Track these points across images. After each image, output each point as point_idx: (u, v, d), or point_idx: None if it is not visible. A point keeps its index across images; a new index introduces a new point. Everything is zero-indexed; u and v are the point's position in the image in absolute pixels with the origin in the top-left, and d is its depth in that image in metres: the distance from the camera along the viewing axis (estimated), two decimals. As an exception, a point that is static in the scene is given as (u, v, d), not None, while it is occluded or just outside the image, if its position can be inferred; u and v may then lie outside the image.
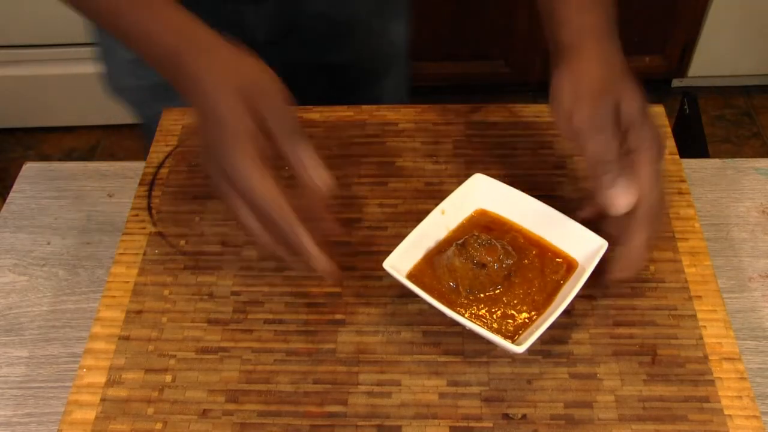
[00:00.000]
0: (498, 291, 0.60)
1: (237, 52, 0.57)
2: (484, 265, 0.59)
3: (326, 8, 0.85)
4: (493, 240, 0.61)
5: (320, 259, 0.55)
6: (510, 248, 0.61)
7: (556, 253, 0.62)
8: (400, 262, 0.60)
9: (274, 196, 0.53)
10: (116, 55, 0.87)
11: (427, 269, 0.61)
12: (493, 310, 0.59)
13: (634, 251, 0.57)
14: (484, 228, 0.64)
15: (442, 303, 0.57)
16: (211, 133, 0.55)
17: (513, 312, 0.59)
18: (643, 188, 0.55)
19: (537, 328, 0.56)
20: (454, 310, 0.57)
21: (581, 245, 0.62)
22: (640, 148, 0.56)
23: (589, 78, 0.58)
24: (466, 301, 0.59)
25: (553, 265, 0.62)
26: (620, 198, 0.55)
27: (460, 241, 0.61)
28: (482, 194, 0.65)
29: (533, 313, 0.59)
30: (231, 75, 0.55)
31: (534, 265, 0.61)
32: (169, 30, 0.58)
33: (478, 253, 0.59)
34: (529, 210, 0.64)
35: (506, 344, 0.55)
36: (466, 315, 0.59)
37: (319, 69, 0.92)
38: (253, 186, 0.53)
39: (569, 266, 0.62)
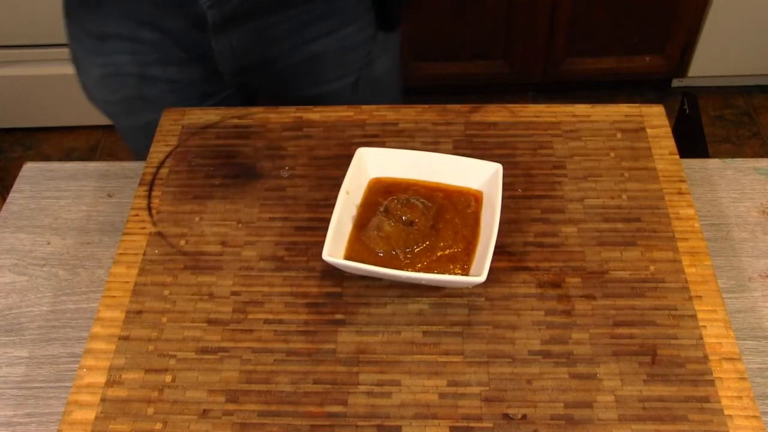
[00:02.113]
0: (428, 242, 0.63)
1: None
2: (412, 222, 0.63)
3: (296, 45, 0.84)
4: (411, 198, 0.64)
5: None
6: (425, 200, 0.64)
7: (459, 190, 0.67)
8: (335, 249, 0.62)
9: None
10: (88, 70, 0.87)
11: (359, 247, 0.63)
12: (434, 258, 0.62)
13: None
14: (385, 193, 0.67)
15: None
16: None
17: (451, 252, 0.62)
18: None
19: (484, 255, 0.59)
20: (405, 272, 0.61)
21: (477, 175, 0.67)
22: None
23: None
24: (407, 261, 0.62)
25: (462, 201, 0.66)
26: None
27: (382, 208, 0.64)
28: (371, 165, 0.68)
29: (469, 246, 0.63)
30: None
31: (448, 207, 0.65)
32: None
33: (403, 213, 0.63)
34: (417, 163, 0.68)
35: (467, 279, 0.60)
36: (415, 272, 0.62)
37: (291, 101, 0.92)
38: None
39: (476, 197, 0.66)
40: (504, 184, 0.65)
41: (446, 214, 0.65)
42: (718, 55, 1.94)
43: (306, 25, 0.83)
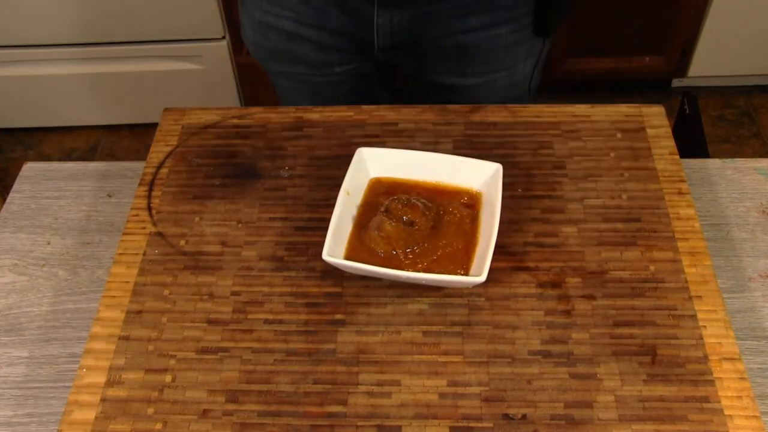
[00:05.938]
0: (428, 242, 0.63)
1: None
2: (413, 222, 0.62)
3: (449, 32, 0.85)
4: (412, 198, 0.64)
5: None
6: (425, 200, 0.64)
7: (458, 190, 0.67)
8: (335, 249, 0.62)
9: None
10: (251, 11, 0.90)
11: (359, 247, 0.63)
12: (434, 258, 0.62)
13: None
14: (385, 193, 0.67)
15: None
16: None
17: (451, 252, 0.63)
18: None
19: (484, 255, 0.59)
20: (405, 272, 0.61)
21: (476, 175, 0.67)
22: None
23: None
24: (408, 261, 0.62)
25: (462, 200, 0.66)
26: None
27: (383, 208, 0.64)
28: (372, 165, 0.68)
29: (469, 246, 0.63)
30: None
31: (447, 207, 0.65)
32: None
33: (404, 213, 0.63)
34: (417, 163, 0.68)
35: (467, 279, 0.60)
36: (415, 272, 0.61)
37: (430, 84, 0.93)
38: None
39: (475, 196, 0.67)
40: (504, 184, 0.65)
41: (446, 216, 0.65)
42: (718, 55, 1.94)
43: (463, 16, 0.84)
